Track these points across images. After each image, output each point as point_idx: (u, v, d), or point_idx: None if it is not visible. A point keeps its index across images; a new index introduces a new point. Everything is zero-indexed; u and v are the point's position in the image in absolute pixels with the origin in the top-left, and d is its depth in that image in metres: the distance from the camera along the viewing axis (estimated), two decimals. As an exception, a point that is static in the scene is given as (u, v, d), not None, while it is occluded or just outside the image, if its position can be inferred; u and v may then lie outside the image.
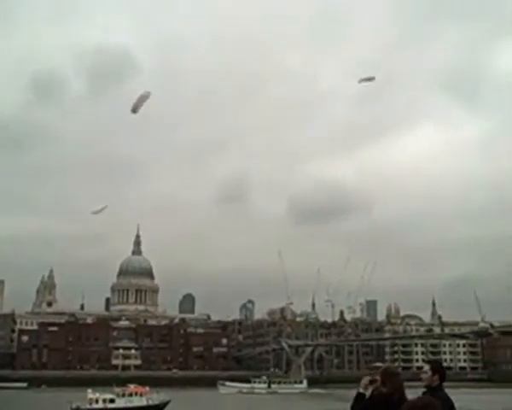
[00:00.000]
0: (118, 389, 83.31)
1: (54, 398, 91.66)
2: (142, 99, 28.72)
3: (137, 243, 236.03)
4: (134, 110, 28.94)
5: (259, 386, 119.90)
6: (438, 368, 6.87)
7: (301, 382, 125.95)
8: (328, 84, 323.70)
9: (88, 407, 76.28)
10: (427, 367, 6.83)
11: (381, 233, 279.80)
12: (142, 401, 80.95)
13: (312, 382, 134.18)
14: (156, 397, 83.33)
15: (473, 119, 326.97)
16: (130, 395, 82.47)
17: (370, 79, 35.70)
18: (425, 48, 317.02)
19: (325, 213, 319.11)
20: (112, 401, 79.61)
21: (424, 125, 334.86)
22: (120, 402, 79.71)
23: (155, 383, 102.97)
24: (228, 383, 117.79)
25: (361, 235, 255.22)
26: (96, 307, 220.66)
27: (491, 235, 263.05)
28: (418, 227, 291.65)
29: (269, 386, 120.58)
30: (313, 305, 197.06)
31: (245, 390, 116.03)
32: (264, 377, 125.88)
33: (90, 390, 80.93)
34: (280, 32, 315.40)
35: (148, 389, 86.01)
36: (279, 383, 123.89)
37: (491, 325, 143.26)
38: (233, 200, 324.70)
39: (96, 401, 78.26)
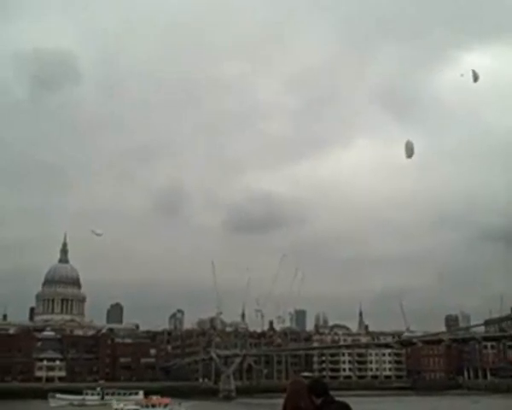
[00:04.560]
0: (142, 400, 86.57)
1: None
2: (410, 147, 33.39)
3: (64, 251, 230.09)
4: (409, 156, 33.76)
5: (91, 398, 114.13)
6: (310, 388, 6.18)
7: (137, 393, 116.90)
8: (265, 97, 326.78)
9: None
10: None
11: (313, 245, 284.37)
12: None
13: (242, 392, 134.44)
14: (178, 408, 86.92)
15: (408, 137, 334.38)
16: (154, 405, 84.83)
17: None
18: (366, 65, 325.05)
19: (259, 224, 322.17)
20: None
21: (360, 141, 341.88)
22: None
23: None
24: (58, 395, 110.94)
25: (293, 246, 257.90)
26: (20, 317, 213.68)
27: (419, 250, 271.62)
28: (349, 240, 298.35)
29: (102, 398, 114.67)
30: (243, 315, 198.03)
31: (76, 403, 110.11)
32: (98, 389, 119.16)
33: (114, 401, 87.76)
34: (219, 43, 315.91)
35: (170, 399, 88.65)
36: (113, 394, 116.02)
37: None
38: (168, 210, 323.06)
39: None
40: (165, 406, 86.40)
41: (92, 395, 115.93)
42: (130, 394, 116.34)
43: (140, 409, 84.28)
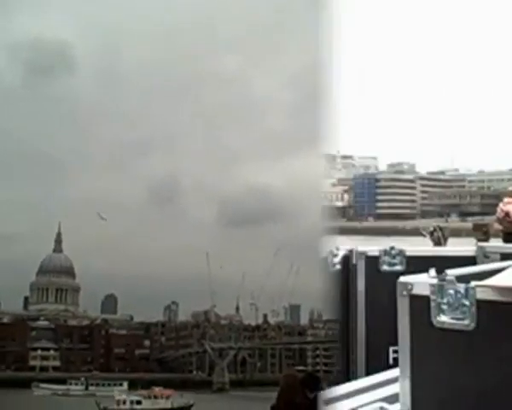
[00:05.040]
0: (144, 392, 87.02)
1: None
2: None
3: (58, 241, 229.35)
4: None
5: (76, 388, 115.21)
6: (303, 382, 6.33)
7: (121, 384, 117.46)
8: (263, 91, 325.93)
9: (116, 407, 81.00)
10: None
11: (309, 238, 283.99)
12: (168, 404, 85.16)
13: (235, 384, 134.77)
14: (180, 400, 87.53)
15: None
16: (156, 397, 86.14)
17: None
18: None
19: (255, 218, 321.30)
20: (138, 402, 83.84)
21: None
22: (147, 404, 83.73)
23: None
24: (42, 385, 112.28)
25: (289, 239, 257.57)
26: (13, 306, 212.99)
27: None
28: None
29: (86, 388, 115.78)
30: (237, 308, 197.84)
31: (60, 392, 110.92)
32: (83, 379, 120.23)
33: (116, 392, 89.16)
34: (218, 37, 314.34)
35: (172, 391, 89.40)
36: (97, 385, 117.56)
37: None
38: (164, 202, 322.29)
39: (124, 403, 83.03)
40: (168, 397, 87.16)
41: (76, 385, 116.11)
42: (115, 384, 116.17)
43: (142, 400, 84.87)
